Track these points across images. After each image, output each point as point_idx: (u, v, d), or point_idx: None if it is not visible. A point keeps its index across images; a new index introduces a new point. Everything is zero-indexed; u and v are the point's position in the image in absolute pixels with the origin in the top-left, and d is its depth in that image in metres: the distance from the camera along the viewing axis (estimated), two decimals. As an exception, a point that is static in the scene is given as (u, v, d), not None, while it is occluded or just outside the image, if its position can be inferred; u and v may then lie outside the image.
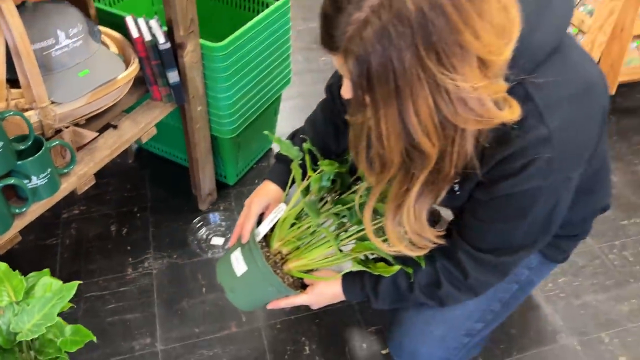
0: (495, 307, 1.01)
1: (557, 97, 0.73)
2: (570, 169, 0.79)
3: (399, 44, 0.59)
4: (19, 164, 0.96)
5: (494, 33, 0.62)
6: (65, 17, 1.06)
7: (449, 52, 0.60)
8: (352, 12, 0.61)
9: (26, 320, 0.86)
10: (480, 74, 0.62)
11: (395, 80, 0.61)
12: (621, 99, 2.01)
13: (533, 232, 0.85)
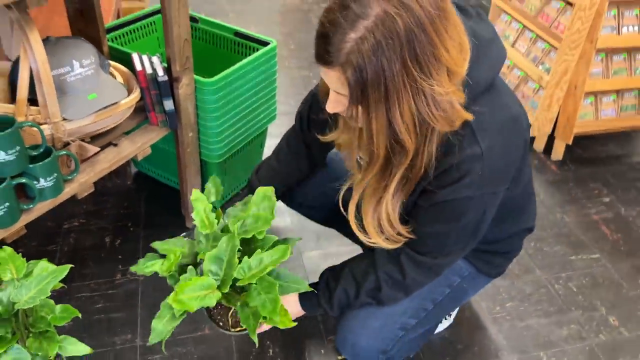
0: (428, 307, 1.17)
1: (489, 124, 0.91)
2: (496, 184, 0.96)
3: (390, 55, 0.77)
4: (30, 167, 1.15)
5: (458, 50, 0.82)
6: (80, 50, 1.28)
7: (428, 62, 0.78)
8: (348, 32, 0.77)
9: (24, 293, 1.02)
10: (449, 81, 0.82)
11: (385, 85, 0.79)
12: (581, 150, 2.20)
13: (463, 237, 1.02)
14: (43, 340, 1.04)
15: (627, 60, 1.98)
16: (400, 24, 0.75)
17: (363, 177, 0.94)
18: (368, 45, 0.77)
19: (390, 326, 1.13)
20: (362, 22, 0.76)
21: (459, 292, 1.21)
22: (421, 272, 1.05)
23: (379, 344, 1.13)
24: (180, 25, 1.33)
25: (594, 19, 1.83)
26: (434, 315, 1.19)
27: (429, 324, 1.21)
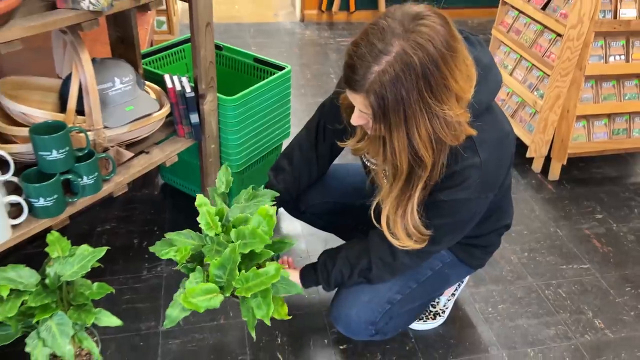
0: (412, 285, 1.32)
1: (487, 139, 1.08)
2: (488, 190, 1.14)
3: (407, 86, 0.92)
4: (76, 165, 1.35)
5: (465, 80, 0.98)
6: (120, 69, 1.49)
7: (440, 91, 0.94)
8: (372, 65, 0.93)
9: (68, 269, 1.20)
10: (458, 105, 0.99)
11: (404, 110, 0.95)
12: (577, 171, 2.34)
13: (453, 232, 1.19)
14: (81, 312, 1.21)
15: (616, 87, 2.13)
16: (417, 60, 0.90)
17: (391, 190, 1.09)
18: (389, 77, 0.92)
19: (378, 300, 1.29)
20: (385, 58, 0.92)
21: (441, 276, 1.37)
22: (410, 258, 1.20)
23: (368, 316, 1.28)
24: (206, 49, 1.54)
25: (582, 48, 2.00)
26: (419, 294, 1.35)
27: (413, 302, 1.36)
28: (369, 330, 1.31)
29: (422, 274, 1.34)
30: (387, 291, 1.30)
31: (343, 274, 1.26)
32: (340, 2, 3.75)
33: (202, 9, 1.47)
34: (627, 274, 1.84)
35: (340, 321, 1.33)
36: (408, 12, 0.93)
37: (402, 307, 1.33)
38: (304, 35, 3.68)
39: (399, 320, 1.38)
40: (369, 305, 1.29)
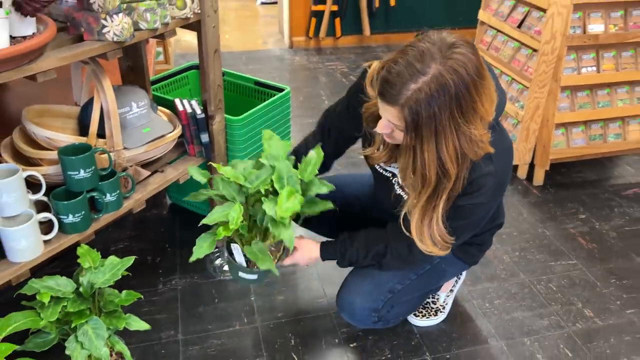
0: (412, 277, 1.45)
1: (498, 150, 1.19)
2: (499, 195, 1.29)
3: (440, 105, 1.03)
4: (100, 184, 1.45)
5: (490, 103, 1.10)
6: (136, 95, 1.61)
7: (469, 112, 1.06)
8: (410, 83, 1.03)
9: (100, 277, 1.30)
10: (482, 126, 1.11)
11: (435, 126, 1.05)
12: (560, 176, 2.49)
13: (466, 231, 1.31)
14: (112, 317, 1.31)
15: (589, 95, 2.30)
16: (451, 83, 1.01)
17: (418, 200, 1.19)
18: (424, 95, 1.02)
19: (380, 289, 1.41)
20: (422, 77, 1.02)
21: (438, 270, 1.49)
22: (423, 253, 1.32)
23: (371, 303, 1.41)
24: (214, 74, 1.67)
25: (556, 62, 2.17)
26: (417, 285, 1.48)
27: (413, 292, 1.49)
28: (372, 317, 1.44)
29: (421, 267, 1.47)
30: (388, 281, 1.43)
31: (359, 253, 1.39)
32: (327, 29, 3.93)
33: (211, 38, 1.61)
34: (611, 267, 1.97)
35: (345, 309, 1.45)
36: (445, 40, 1.04)
37: (402, 297, 1.46)
38: (294, 61, 3.85)
39: (400, 309, 1.51)
40: (372, 294, 1.42)
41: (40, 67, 1.19)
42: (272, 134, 1.44)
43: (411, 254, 1.34)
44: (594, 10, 2.16)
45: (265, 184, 1.36)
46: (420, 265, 1.46)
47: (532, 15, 2.28)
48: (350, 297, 1.44)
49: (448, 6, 4.16)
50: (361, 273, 1.47)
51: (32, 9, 1.17)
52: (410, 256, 1.35)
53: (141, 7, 1.37)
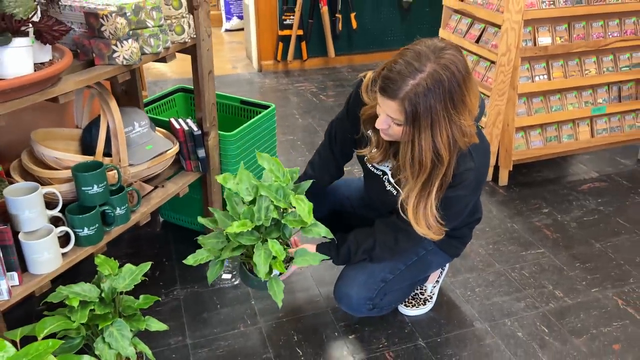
0: (401, 267, 1.61)
1: (478, 148, 1.37)
2: (478, 189, 1.45)
3: (436, 98, 1.19)
4: (110, 198, 1.55)
5: (475, 97, 1.27)
6: (138, 115, 1.72)
7: (459, 104, 1.22)
8: (409, 79, 1.18)
9: (121, 282, 1.39)
10: (470, 117, 1.27)
11: (431, 117, 1.21)
12: (522, 176, 2.71)
13: (451, 220, 1.44)
14: (132, 320, 1.40)
15: (543, 101, 2.54)
16: (445, 79, 1.17)
17: (414, 186, 1.34)
18: (422, 89, 1.18)
19: (374, 279, 1.56)
20: (419, 74, 1.18)
21: (424, 261, 1.66)
22: (408, 242, 1.48)
23: (366, 293, 1.55)
24: (209, 93, 1.80)
25: (513, 72, 2.40)
26: (407, 275, 1.64)
27: (403, 281, 1.65)
28: (367, 305, 1.58)
29: (409, 258, 1.62)
30: (380, 272, 1.58)
31: (350, 250, 1.54)
32: (294, 52, 4.12)
33: (205, 60, 1.74)
34: (575, 253, 2.18)
35: (342, 299, 1.60)
36: (436, 44, 1.23)
37: (393, 285, 1.61)
38: (264, 83, 4.00)
39: (392, 297, 1.66)
40: (366, 284, 1.56)
41: (62, 89, 1.30)
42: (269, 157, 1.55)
43: (397, 245, 1.50)
44: (542, 25, 2.41)
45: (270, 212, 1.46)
46: (407, 254, 1.61)
47: (488, 31, 2.52)
48: (347, 288, 1.58)
49: (406, 28, 4.43)
50: (355, 266, 1.61)
51: (51, 38, 1.28)
52: (396, 247, 1.51)
53: (146, 33, 1.49)
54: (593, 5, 2.42)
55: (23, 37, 1.18)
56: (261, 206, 1.45)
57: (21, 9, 1.13)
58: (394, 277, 1.61)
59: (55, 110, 1.92)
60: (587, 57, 2.55)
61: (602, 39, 2.51)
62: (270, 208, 1.45)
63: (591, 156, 2.92)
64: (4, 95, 1.15)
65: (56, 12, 1.39)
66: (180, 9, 1.62)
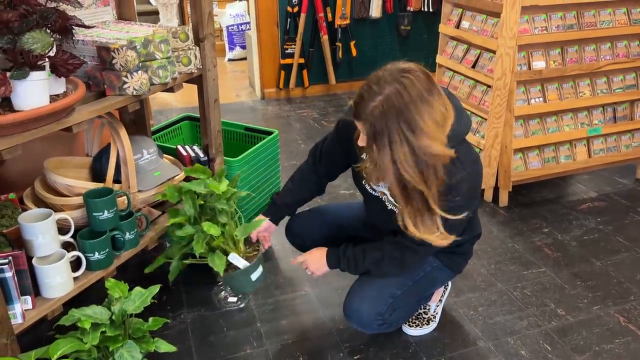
0: (409, 283, 1.64)
1: (468, 159, 1.43)
2: (474, 197, 1.49)
3: (391, 119, 1.26)
4: (120, 223, 1.60)
5: (433, 122, 1.29)
6: (146, 143, 1.79)
7: (415, 126, 1.27)
8: (369, 102, 1.28)
9: (131, 304, 1.43)
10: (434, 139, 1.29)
11: (389, 137, 1.28)
12: (521, 197, 2.76)
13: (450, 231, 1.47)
14: (142, 342, 1.43)
15: (540, 123, 2.60)
16: (397, 102, 1.25)
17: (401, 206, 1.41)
18: (378, 111, 1.26)
19: (383, 295, 1.60)
20: (378, 97, 1.27)
21: (430, 278, 1.70)
22: (413, 256, 1.54)
23: (376, 308, 1.59)
24: (214, 121, 1.87)
25: (509, 95, 2.47)
26: (414, 290, 1.67)
27: (411, 297, 1.68)
28: (377, 320, 1.61)
29: (416, 274, 1.66)
30: (389, 287, 1.62)
31: (357, 256, 1.58)
32: (295, 80, 4.22)
33: (211, 89, 1.81)
34: (576, 271, 2.20)
35: (352, 315, 1.62)
36: (398, 67, 1.31)
37: (402, 301, 1.64)
38: (267, 110, 4.09)
39: (400, 313, 1.69)
40: (376, 300, 1.60)
41: (75, 119, 1.37)
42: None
43: (404, 260, 1.54)
44: (536, 50, 2.49)
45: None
46: (413, 268, 1.64)
47: (483, 56, 2.60)
48: (356, 304, 1.61)
49: (403, 55, 4.53)
50: (363, 283, 1.65)
51: (65, 71, 1.35)
52: (404, 262, 1.55)
53: (154, 65, 1.56)
54: (584, 30, 2.50)
55: (40, 71, 1.24)
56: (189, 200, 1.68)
57: (39, 44, 1.20)
58: (402, 292, 1.65)
59: (66, 140, 1.99)
60: (581, 80, 2.62)
61: (595, 62, 2.58)
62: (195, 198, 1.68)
63: (589, 176, 2.97)
64: (22, 125, 1.22)
65: (70, 46, 1.46)
66: (187, 41, 1.70)
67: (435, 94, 1.31)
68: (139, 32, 1.60)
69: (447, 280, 1.79)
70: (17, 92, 1.22)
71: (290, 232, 1.89)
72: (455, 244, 1.64)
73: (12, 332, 1.30)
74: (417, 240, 1.49)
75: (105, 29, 1.68)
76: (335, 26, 4.15)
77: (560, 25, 2.47)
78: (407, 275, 1.64)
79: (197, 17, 1.72)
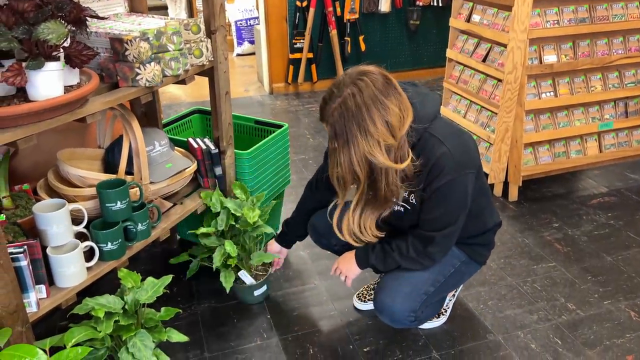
0: (441, 279, 1.65)
1: (446, 133, 1.45)
2: (466, 168, 1.47)
3: (347, 119, 1.33)
4: (133, 214, 1.61)
5: (382, 123, 1.35)
6: (158, 135, 1.79)
7: (368, 127, 1.34)
8: (330, 105, 1.36)
9: (144, 294, 1.44)
10: (387, 136, 1.36)
11: (346, 136, 1.34)
12: (531, 192, 2.75)
13: (459, 208, 1.50)
14: (154, 332, 1.44)
15: (550, 117, 2.59)
16: (352, 104, 1.33)
17: (342, 196, 1.54)
18: (336, 113, 1.36)
19: (417, 291, 1.60)
20: (337, 99, 1.35)
21: (459, 273, 1.70)
22: (433, 245, 1.54)
23: (410, 305, 1.58)
24: (226, 113, 1.87)
25: (519, 89, 2.46)
26: (445, 286, 1.68)
27: (441, 293, 1.70)
28: (410, 317, 1.61)
29: (447, 270, 1.66)
30: (423, 284, 1.62)
31: (385, 251, 1.60)
32: (304, 74, 4.21)
33: (222, 81, 1.82)
34: (586, 266, 2.20)
35: (384, 311, 1.62)
36: (358, 70, 1.39)
37: (434, 297, 1.65)
38: (276, 105, 4.09)
39: (431, 309, 1.70)
40: (410, 297, 1.59)
41: (89, 110, 1.37)
42: None
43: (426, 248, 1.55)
44: (547, 43, 2.47)
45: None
46: (438, 260, 1.61)
47: (494, 50, 2.58)
48: (389, 301, 1.60)
49: (412, 50, 4.52)
50: (397, 278, 1.63)
51: (80, 62, 1.36)
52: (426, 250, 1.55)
53: (167, 57, 1.57)
54: (597, 24, 2.48)
55: (55, 62, 1.25)
56: (224, 215, 1.88)
57: (54, 35, 1.20)
58: (435, 289, 1.65)
59: (77, 133, 2.00)
60: (592, 74, 2.60)
61: (607, 56, 2.56)
62: (230, 216, 1.88)
63: (600, 171, 2.95)
64: (37, 115, 1.22)
65: (84, 38, 1.47)
66: (199, 33, 1.70)
67: (392, 95, 1.37)
68: (151, 24, 1.61)
69: (473, 273, 1.79)
70: (32, 82, 1.23)
71: (314, 232, 1.89)
72: (478, 233, 1.66)
73: (27, 320, 1.31)
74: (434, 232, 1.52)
75: (118, 21, 1.69)
76: (344, 21, 4.15)
77: (572, 18, 2.45)
78: (439, 272, 1.65)
79: (209, 9, 1.72)
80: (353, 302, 1.97)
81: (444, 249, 1.57)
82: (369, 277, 2.06)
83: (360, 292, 1.99)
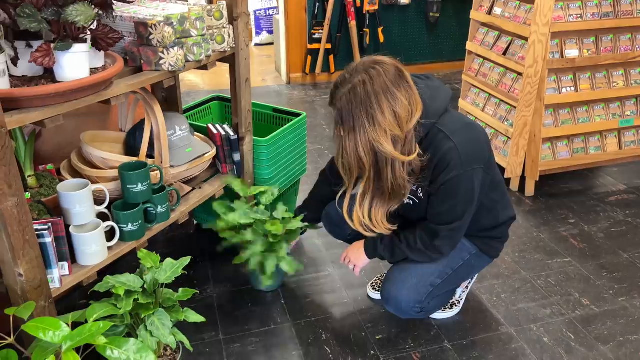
0: (448, 271, 1.65)
1: (454, 128, 1.45)
2: (473, 163, 1.47)
3: (355, 106, 1.35)
4: (153, 197, 1.64)
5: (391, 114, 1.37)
6: (179, 119, 1.82)
7: (375, 114, 1.35)
8: (339, 90, 1.38)
9: (163, 274, 1.47)
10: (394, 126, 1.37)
11: (353, 122, 1.36)
12: (548, 187, 2.73)
13: (466, 203, 1.51)
14: (172, 312, 1.47)
15: (570, 112, 2.57)
16: (362, 91, 1.35)
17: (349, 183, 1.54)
18: (345, 98, 1.37)
19: (424, 283, 1.60)
20: (348, 85, 1.37)
21: (469, 266, 1.70)
22: (441, 238, 1.55)
23: (416, 296, 1.59)
24: (245, 100, 1.89)
25: (540, 83, 2.44)
26: (453, 279, 1.68)
27: (449, 286, 1.69)
28: (416, 308, 1.63)
29: (455, 263, 1.67)
30: (429, 276, 1.62)
31: (394, 242, 1.61)
32: (322, 65, 4.22)
33: (243, 68, 1.83)
34: (602, 263, 2.19)
35: (391, 302, 1.63)
36: (372, 59, 1.41)
37: (441, 290, 1.66)
38: (293, 95, 4.11)
39: (438, 301, 1.70)
40: (417, 288, 1.61)
41: (114, 92, 1.40)
42: None
43: (434, 241, 1.55)
44: (569, 38, 2.45)
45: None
46: (446, 253, 1.62)
47: (515, 43, 2.57)
48: (396, 291, 1.62)
49: (431, 42, 4.50)
50: (404, 269, 1.65)
51: (106, 45, 1.39)
52: (433, 243, 1.56)
53: (190, 42, 1.59)
54: (621, 19, 2.45)
55: (82, 43, 1.28)
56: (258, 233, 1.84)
57: (82, 17, 1.23)
58: (442, 281, 1.66)
59: (100, 116, 2.04)
60: (614, 70, 2.57)
61: (630, 51, 2.53)
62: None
63: (619, 168, 2.92)
64: (64, 96, 1.25)
65: (109, 21, 1.49)
66: (222, 19, 1.72)
67: (403, 87, 1.38)
68: (175, 10, 1.63)
69: (483, 266, 1.79)
70: (60, 63, 1.26)
71: (328, 221, 1.91)
72: (492, 226, 1.66)
73: (50, 295, 1.35)
74: (440, 226, 1.53)
75: (142, 6, 1.71)
76: (364, 12, 4.14)
77: (596, 13, 2.42)
78: (447, 264, 1.65)
79: (232, -4, 1.73)
80: (367, 291, 1.99)
81: (451, 243, 1.58)
82: (383, 267, 2.08)
83: (374, 281, 2.01)
